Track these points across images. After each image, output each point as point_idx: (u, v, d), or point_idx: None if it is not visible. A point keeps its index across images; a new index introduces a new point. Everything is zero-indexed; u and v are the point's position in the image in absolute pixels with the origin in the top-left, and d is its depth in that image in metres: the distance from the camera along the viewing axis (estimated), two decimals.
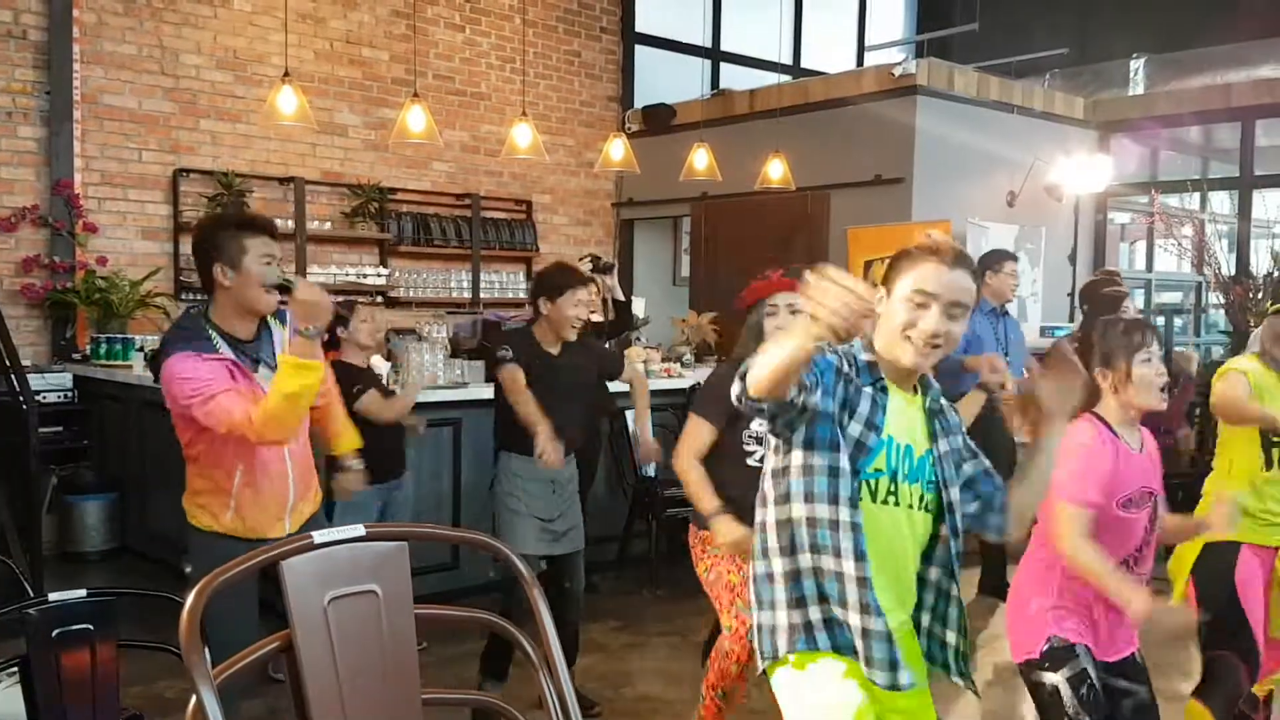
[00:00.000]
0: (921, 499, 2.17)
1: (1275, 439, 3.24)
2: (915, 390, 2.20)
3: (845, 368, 2.09)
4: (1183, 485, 6.38)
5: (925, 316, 2.06)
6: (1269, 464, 3.25)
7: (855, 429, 2.08)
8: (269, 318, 3.04)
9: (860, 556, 2.06)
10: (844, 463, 2.07)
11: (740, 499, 2.94)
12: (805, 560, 2.10)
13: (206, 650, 1.70)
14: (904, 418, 2.15)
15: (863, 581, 2.06)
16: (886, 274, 2.15)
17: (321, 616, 1.89)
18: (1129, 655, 2.67)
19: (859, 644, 2.07)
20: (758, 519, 2.21)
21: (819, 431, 2.08)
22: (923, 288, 2.06)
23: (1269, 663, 3.19)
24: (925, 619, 2.24)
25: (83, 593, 2.51)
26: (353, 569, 1.94)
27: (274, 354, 2.97)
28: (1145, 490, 2.65)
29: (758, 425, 3.14)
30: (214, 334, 2.92)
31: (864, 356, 2.14)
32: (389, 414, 4.35)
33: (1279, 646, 3.24)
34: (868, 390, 2.11)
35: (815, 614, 2.11)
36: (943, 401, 2.24)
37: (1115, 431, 2.64)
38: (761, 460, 2.35)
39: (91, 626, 2.46)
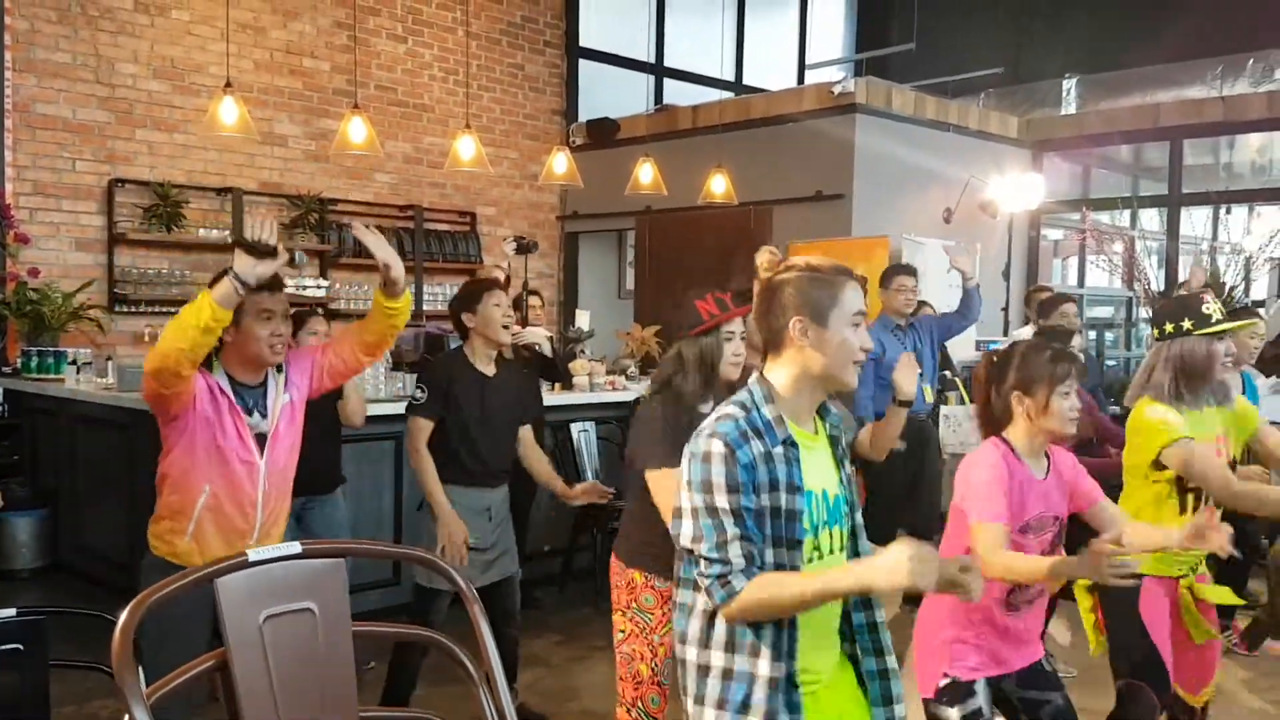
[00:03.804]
0: (840, 539, 2.09)
1: (1191, 487, 3.07)
2: (813, 423, 2.12)
3: (756, 447, 1.97)
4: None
5: (862, 334, 2.07)
6: (1183, 509, 3.07)
7: (781, 499, 1.97)
8: (270, 370, 3.07)
9: (791, 655, 1.98)
10: (779, 558, 1.97)
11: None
12: (742, 663, 1.99)
13: (140, 669, 1.69)
14: (815, 461, 2.07)
15: (790, 682, 1.98)
16: (802, 305, 2.03)
17: (257, 635, 1.88)
18: (1036, 663, 2.72)
19: None
20: (685, 600, 2.07)
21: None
22: (860, 308, 2.07)
23: (1203, 673, 3.22)
24: (871, 662, 2.14)
25: (12, 612, 2.46)
26: (288, 586, 1.94)
27: (268, 406, 3.03)
28: (1045, 516, 2.66)
29: None
30: (220, 371, 2.99)
31: (767, 412, 2.02)
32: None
33: (1212, 654, 3.26)
34: (778, 451, 1.98)
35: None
36: (840, 423, 2.19)
37: (1020, 457, 2.65)
38: None
39: (21, 646, 2.42)
